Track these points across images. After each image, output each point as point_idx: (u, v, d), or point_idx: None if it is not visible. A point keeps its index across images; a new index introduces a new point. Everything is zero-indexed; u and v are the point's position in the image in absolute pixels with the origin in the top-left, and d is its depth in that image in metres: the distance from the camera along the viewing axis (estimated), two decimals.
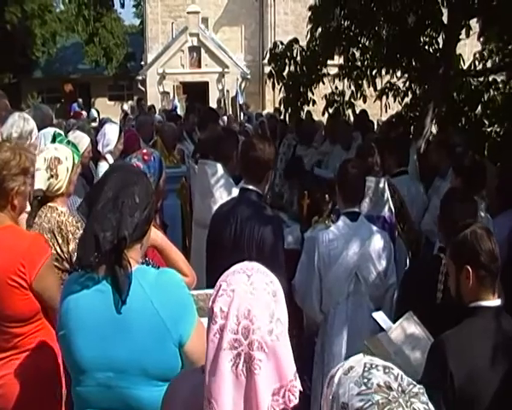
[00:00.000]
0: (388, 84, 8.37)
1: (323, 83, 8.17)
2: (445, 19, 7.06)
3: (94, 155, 4.91)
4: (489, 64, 8.02)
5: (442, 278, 2.73)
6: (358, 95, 8.14)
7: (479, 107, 7.71)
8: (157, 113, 14.15)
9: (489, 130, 7.66)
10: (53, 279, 2.49)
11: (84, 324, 1.76)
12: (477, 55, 8.02)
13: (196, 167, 4.66)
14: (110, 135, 5.02)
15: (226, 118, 13.65)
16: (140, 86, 25.74)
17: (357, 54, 7.89)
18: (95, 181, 4.30)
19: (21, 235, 2.50)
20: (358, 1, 7.24)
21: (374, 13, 7.28)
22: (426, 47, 7.45)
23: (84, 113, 16.91)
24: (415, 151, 5.71)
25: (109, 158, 4.91)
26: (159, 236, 2.38)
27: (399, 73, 8.01)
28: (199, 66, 24.93)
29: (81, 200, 2.07)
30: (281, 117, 9.68)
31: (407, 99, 8.40)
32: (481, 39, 7.73)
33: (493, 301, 2.20)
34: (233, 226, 3.08)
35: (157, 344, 1.74)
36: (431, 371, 2.14)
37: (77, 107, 20.24)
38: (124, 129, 6.32)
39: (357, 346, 2.94)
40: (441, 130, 7.74)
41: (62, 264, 2.84)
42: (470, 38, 7.20)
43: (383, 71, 7.86)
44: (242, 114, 18.08)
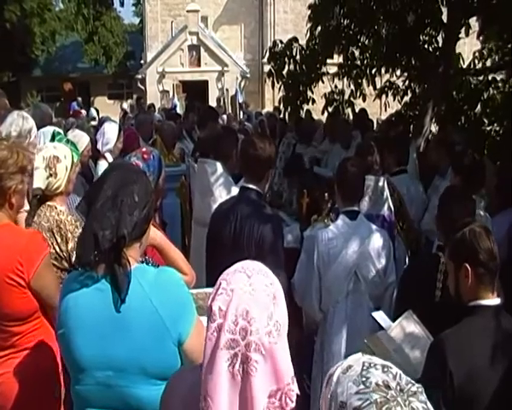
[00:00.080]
0: (388, 82, 8.37)
1: (323, 82, 8.17)
2: (445, 17, 7.06)
3: (93, 154, 4.91)
4: (488, 63, 8.04)
5: (441, 277, 2.73)
6: (358, 93, 8.14)
7: (478, 105, 7.72)
8: (156, 111, 14.15)
9: (488, 129, 7.68)
10: (51, 277, 2.49)
11: (84, 322, 1.76)
12: (476, 53, 8.04)
13: (196, 166, 4.66)
14: (109, 134, 5.01)
15: (226, 117, 13.63)
16: (139, 85, 25.72)
17: (356, 52, 7.89)
18: (94, 180, 4.30)
19: (19, 233, 2.49)
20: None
21: (373, 11, 7.28)
22: (425, 46, 7.46)
23: (84, 111, 16.85)
24: (414, 150, 5.71)
25: (108, 157, 4.90)
26: (158, 234, 2.38)
27: (399, 72, 8.02)
28: (198, 64, 24.91)
29: (80, 199, 2.07)
30: (280, 116, 9.68)
31: (406, 98, 8.40)
32: (481, 38, 7.74)
33: (492, 299, 2.20)
34: (233, 225, 3.08)
35: (156, 343, 1.74)
36: (430, 370, 2.14)
37: (76, 105, 20.18)
38: (123, 128, 6.31)
39: (356, 345, 2.94)
40: (441, 129, 7.75)
41: (61, 263, 2.83)
42: (470, 37, 7.21)
43: (383, 70, 7.87)
44: (242, 113, 18.09)
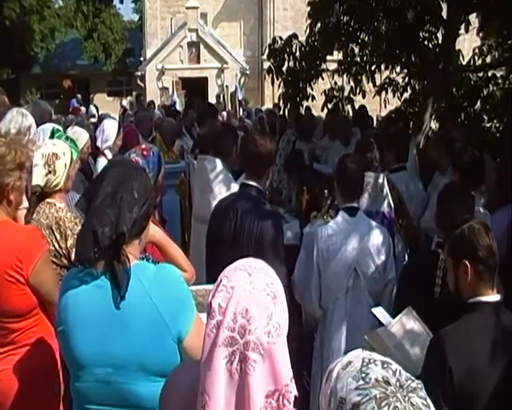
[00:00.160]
0: (387, 79, 8.36)
1: (323, 78, 8.16)
2: (445, 14, 7.06)
3: (93, 151, 4.90)
4: (488, 59, 8.03)
5: (440, 274, 2.73)
6: (358, 90, 8.13)
7: (478, 102, 7.72)
8: (156, 108, 14.16)
9: (488, 125, 7.67)
10: (50, 274, 2.48)
11: (83, 319, 1.76)
12: (476, 50, 8.03)
13: (195, 163, 4.66)
14: (109, 131, 5.00)
15: (225, 113, 13.63)
16: (139, 82, 25.68)
17: (356, 49, 7.88)
18: (93, 177, 4.29)
19: (17, 229, 2.49)
20: None
21: (373, 8, 7.28)
22: (425, 42, 7.46)
23: (83, 108, 16.86)
24: (414, 147, 5.70)
25: (108, 154, 4.89)
26: (157, 231, 2.38)
27: (399, 69, 8.00)
28: (198, 61, 24.88)
29: (80, 196, 2.07)
30: (280, 112, 9.68)
31: (406, 94, 8.40)
32: (481, 34, 7.74)
33: (492, 296, 2.20)
34: (233, 221, 3.08)
35: (156, 340, 1.74)
36: (430, 366, 2.14)
37: (76, 103, 20.15)
38: (123, 125, 6.29)
39: (356, 341, 2.94)
40: (441, 125, 7.75)
41: (61, 260, 2.83)
42: (469, 34, 7.21)
43: (382, 66, 7.85)
44: (241, 110, 18.07)
